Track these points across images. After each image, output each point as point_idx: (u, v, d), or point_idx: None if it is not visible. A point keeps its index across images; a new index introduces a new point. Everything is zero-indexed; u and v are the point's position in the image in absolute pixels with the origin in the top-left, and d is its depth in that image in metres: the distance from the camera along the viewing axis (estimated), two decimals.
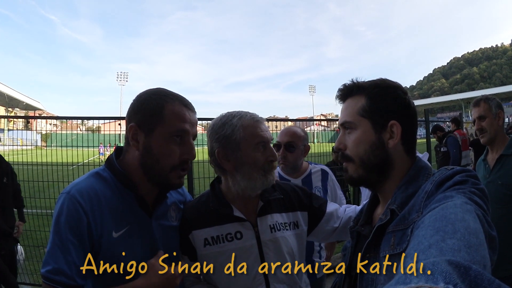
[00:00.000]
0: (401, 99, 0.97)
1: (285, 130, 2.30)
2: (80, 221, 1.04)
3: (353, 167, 1.00)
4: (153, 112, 1.13)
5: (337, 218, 1.47)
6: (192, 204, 1.42)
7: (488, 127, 2.35)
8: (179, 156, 1.16)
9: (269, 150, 1.31)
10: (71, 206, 1.05)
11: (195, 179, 3.89)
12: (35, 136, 8.70)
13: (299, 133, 2.27)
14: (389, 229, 0.86)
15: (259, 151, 1.29)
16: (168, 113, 1.14)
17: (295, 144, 2.21)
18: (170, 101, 1.15)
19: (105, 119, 4.13)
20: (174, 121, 1.14)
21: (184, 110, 1.17)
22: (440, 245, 0.53)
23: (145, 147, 1.14)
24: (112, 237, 1.10)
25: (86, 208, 1.06)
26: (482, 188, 0.76)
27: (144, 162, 1.16)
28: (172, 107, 1.15)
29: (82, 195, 1.07)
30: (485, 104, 2.37)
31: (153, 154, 1.14)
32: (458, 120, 7.07)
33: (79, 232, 1.04)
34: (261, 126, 1.32)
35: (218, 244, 1.29)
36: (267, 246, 1.30)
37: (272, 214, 1.37)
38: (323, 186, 2.28)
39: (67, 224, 1.02)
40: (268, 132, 1.34)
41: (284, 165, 2.23)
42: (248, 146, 1.28)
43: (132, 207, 1.17)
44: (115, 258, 1.09)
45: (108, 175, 1.18)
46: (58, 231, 1.02)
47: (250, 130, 1.29)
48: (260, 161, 1.28)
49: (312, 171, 2.31)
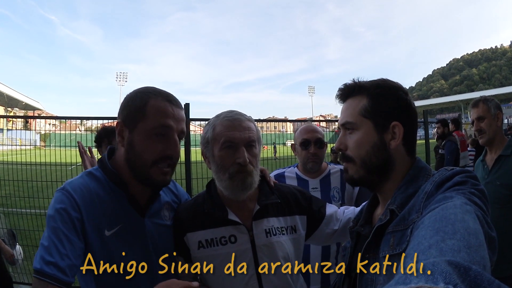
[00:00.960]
0: (403, 100, 0.97)
1: (310, 127, 2.24)
2: (73, 216, 1.04)
3: (354, 168, 0.99)
4: (136, 108, 1.14)
5: (336, 220, 1.45)
6: (187, 206, 1.39)
7: (487, 128, 2.36)
8: (161, 151, 1.15)
9: (238, 152, 1.23)
10: (65, 200, 1.06)
11: (193, 179, 3.90)
12: (34, 136, 8.69)
13: (321, 131, 2.25)
14: (389, 230, 0.86)
15: (225, 151, 1.24)
16: (150, 108, 1.13)
17: (323, 140, 2.18)
18: (153, 97, 1.15)
19: (103, 119, 4.12)
20: (156, 117, 1.13)
21: (167, 105, 1.16)
22: (440, 245, 0.53)
23: (129, 142, 1.15)
24: (105, 235, 1.11)
25: (80, 204, 1.07)
26: (481, 189, 0.76)
27: (128, 158, 1.16)
28: (155, 102, 1.15)
29: (75, 191, 1.09)
30: (484, 105, 2.38)
31: (135, 149, 1.14)
32: (458, 121, 7.07)
33: (73, 226, 1.04)
34: (233, 125, 1.25)
35: (212, 247, 1.26)
36: (261, 251, 1.27)
37: (269, 218, 1.33)
38: (342, 187, 2.20)
39: (60, 217, 1.03)
40: (243, 133, 1.24)
41: (315, 163, 2.16)
42: (215, 145, 1.26)
43: (124, 206, 1.18)
44: (109, 256, 1.10)
45: (100, 174, 1.19)
46: (51, 225, 1.02)
47: (219, 129, 1.26)
48: (226, 162, 1.24)
49: (331, 172, 2.25)
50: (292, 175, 2.26)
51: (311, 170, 2.20)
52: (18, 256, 3.49)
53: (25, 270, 3.86)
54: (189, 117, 3.85)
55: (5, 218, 3.94)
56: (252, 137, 1.26)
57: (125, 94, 1.24)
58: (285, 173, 2.29)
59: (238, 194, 1.25)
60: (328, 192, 2.16)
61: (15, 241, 3.51)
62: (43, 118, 11.18)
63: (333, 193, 2.17)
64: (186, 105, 3.76)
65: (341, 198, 2.15)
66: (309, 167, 2.19)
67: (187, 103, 3.78)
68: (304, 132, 2.22)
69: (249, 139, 1.25)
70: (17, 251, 3.46)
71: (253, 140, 1.27)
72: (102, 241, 1.10)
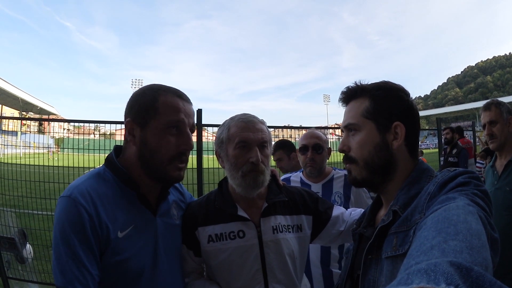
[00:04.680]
0: (404, 101, 0.98)
1: (310, 133, 2.29)
2: (85, 225, 1.00)
3: (357, 169, 1.00)
4: (147, 106, 1.13)
5: (342, 222, 1.48)
6: (200, 202, 1.44)
7: (498, 133, 2.30)
8: (176, 147, 1.15)
9: (252, 151, 1.30)
10: (73, 211, 1.00)
11: (205, 184, 3.94)
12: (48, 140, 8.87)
13: (323, 136, 2.27)
14: (392, 231, 0.86)
15: (239, 151, 1.30)
16: (161, 105, 1.13)
17: (322, 146, 2.20)
18: (163, 93, 1.15)
19: (116, 123, 4.18)
20: (168, 112, 1.13)
21: (177, 100, 1.17)
22: (442, 246, 0.53)
23: (142, 140, 1.14)
24: (118, 237, 1.08)
25: (90, 210, 1.02)
26: (484, 189, 0.76)
27: (142, 156, 1.15)
28: (165, 98, 1.15)
29: (84, 197, 1.03)
30: (496, 108, 2.33)
31: (150, 147, 1.13)
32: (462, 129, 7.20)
33: (87, 237, 1.00)
34: (247, 126, 1.32)
35: (221, 241, 1.32)
36: (268, 247, 1.32)
37: (276, 215, 1.39)
38: (345, 193, 2.20)
39: (72, 230, 0.99)
40: (257, 134, 1.31)
41: (312, 168, 2.20)
42: (230, 145, 1.33)
43: (136, 206, 1.16)
44: (122, 258, 1.08)
45: (109, 175, 1.15)
46: (65, 240, 0.98)
47: (233, 130, 1.33)
48: (240, 161, 1.30)
49: (335, 177, 2.27)
50: (297, 179, 2.32)
51: (310, 174, 2.26)
52: (28, 255, 3.56)
53: (34, 269, 3.92)
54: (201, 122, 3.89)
55: (16, 218, 4.01)
56: (265, 138, 1.34)
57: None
58: (291, 177, 2.36)
59: (249, 191, 1.31)
60: (330, 197, 2.17)
61: (25, 241, 3.58)
62: (57, 121, 11.41)
63: (335, 198, 2.18)
64: (198, 111, 3.81)
65: (343, 203, 2.14)
66: (307, 172, 2.25)
67: (199, 109, 3.82)
68: (303, 138, 2.30)
69: (262, 139, 1.32)
70: (27, 250, 3.52)
71: (265, 141, 1.34)
72: (115, 243, 1.07)
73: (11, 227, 3.74)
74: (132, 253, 1.11)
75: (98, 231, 1.03)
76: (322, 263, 2.09)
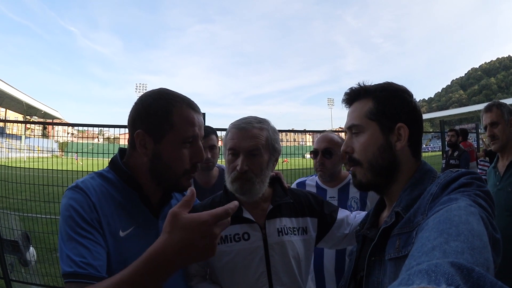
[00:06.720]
0: (407, 102, 0.98)
1: (322, 136, 2.24)
2: (91, 212, 1.00)
3: (361, 171, 1.00)
4: (162, 119, 1.10)
5: (347, 225, 1.48)
6: (205, 204, 1.45)
7: (500, 134, 2.30)
8: (190, 160, 1.15)
9: (238, 160, 1.31)
10: (80, 198, 1.01)
11: None
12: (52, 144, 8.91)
13: (336, 139, 2.20)
14: (395, 232, 0.86)
15: (230, 157, 1.34)
16: (177, 119, 1.11)
17: (333, 150, 2.13)
18: (177, 105, 1.13)
19: (120, 128, 4.20)
20: (184, 128, 1.11)
21: (192, 114, 1.15)
22: (443, 247, 0.52)
23: (155, 154, 1.12)
24: (119, 236, 1.07)
25: (95, 201, 1.03)
26: (487, 190, 0.75)
27: (154, 168, 1.13)
28: (181, 111, 1.12)
29: (89, 190, 1.04)
30: (498, 109, 2.33)
31: (164, 160, 1.11)
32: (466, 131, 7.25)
33: (93, 223, 0.99)
34: (238, 133, 1.32)
35: (225, 244, 1.32)
36: (273, 249, 1.32)
37: (281, 218, 1.39)
38: (361, 198, 2.15)
39: (79, 214, 0.98)
40: (246, 142, 1.30)
41: (322, 172, 2.16)
42: (225, 150, 1.37)
43: (138, 207, 1.16)
44: (122, 258, 1.06)
45: (112, 176, 1.15)
46: (71, 224, 0.96)
47: (228, 136, 1.36)
48: (230, 167, 1.33)
49: (351, 181, 2.23)
50: (312, 183, 2.28)
51: (322, 179, 2.22)
52: (32, 258, 3.57)
53: (37, 272, 3.93)
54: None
55: (20, 222, 4.04)
56: (256, 146, 1.31)
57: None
58: (307, 181, 2.32)
59: (240, 196, 1.33)
60: (346, 202, 2.12)
61: (29, 244, 3.60)
62: (61, 125, 11.46)
63: (351, 203, 2.13)
64: (202, 115, 3.80)
65: (360, 208, 2.09)
66: (319, 176, 2.22)
67: (203, 113, 3.81)
68: (316, 141, 2.26)
69: (251, 148, 1.30)
70: (30, 253, 3.54)
71: (256, 149, 1.31)
72: (116, 242, 1.06)
73: (15, 230, 3.77)
74: (133, 253, 1.09)
75: (103, 224, 1.03)
76: (337, 270, 2.04)
